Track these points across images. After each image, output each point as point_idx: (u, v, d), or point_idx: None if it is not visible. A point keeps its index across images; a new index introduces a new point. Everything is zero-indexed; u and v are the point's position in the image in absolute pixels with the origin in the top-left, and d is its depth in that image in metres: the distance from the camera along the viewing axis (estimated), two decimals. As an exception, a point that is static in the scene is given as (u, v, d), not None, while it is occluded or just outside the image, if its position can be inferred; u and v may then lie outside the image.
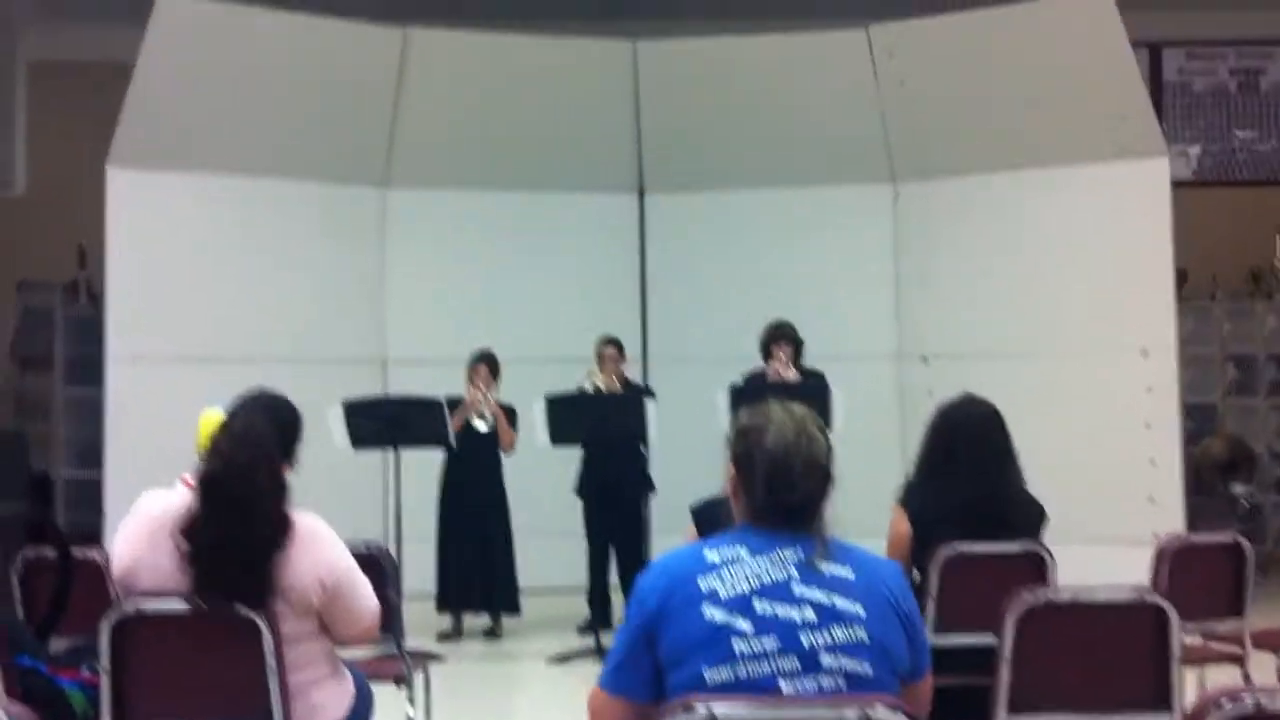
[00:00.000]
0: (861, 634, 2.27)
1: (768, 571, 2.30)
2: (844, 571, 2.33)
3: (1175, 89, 11.20)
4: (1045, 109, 8.32)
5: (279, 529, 3.08)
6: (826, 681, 2.24)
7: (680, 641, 2.28)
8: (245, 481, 3.05)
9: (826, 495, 2.41)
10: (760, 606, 2.26)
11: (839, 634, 2.26)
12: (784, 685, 2.24)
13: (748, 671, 2.24)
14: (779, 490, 2.35)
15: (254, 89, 8.42)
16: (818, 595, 2.29)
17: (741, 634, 2.25)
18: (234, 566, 3.02)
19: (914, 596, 2.45)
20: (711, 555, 2.33)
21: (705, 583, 2.30)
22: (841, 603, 2.29)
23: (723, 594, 2.28)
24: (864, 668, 2.26)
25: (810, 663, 2.24)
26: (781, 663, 2.24)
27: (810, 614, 2.26)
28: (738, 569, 2.30)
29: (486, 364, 7.68)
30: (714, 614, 2.27)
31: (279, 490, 3.12)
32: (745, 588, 2.28)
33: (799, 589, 2.29)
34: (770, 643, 2.24)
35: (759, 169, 9.17)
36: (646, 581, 2.39)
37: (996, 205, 8.61)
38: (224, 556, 3.01)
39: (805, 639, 2.25)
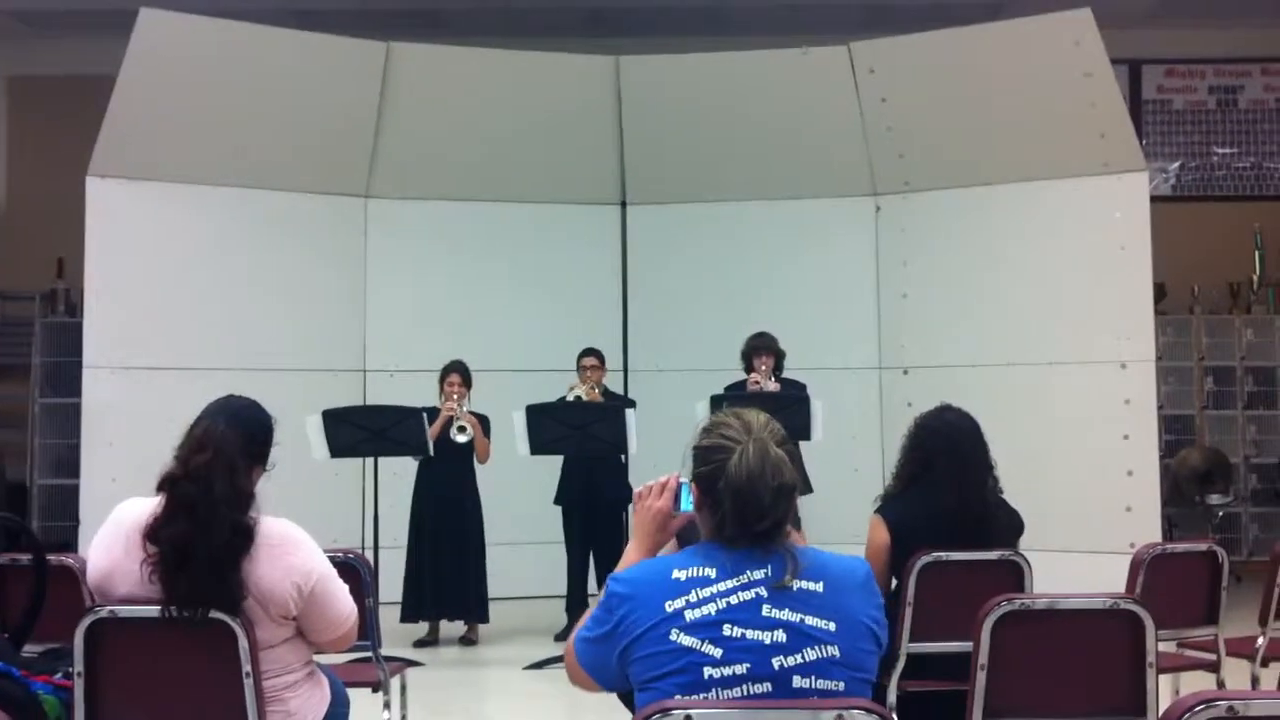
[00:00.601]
0: (833, 650, 2.26)
1: (736, 594, 2.27)
2: (813, 586, 2.30)
3: (1154, 106, 11.27)
4: (1025, 125, 8.38)
5: (239, 535, 3.04)
6: None
7: (649, 666, 2.26)
8: (200, 486, 3.02)
9: (792, 506, 2.36)
10: (729, 631, 2.24)
11: (810, 654, 2.25)
12: None
13: (719, 697, 2.22)
14: (747, 519, 2.31)
15: (235, 102, 8.42)
16: (788, 616, 2.26)
17: (711, 660, 2.23)
18: (197, 572, 2.99)
19: (880, 595, 2.42)
20: (679, 574, 2.30)
21: (672, 605, 2.27)
22: (812, 620, 2.27)
23: (690, 617, 2.25)
24: (836, 685, 2.25)
25: (782, 686, 2.23)
26: (753, 687, 2.22)
27: (781, 636, 2.25)
28: (706, 590, 2.27)
29: (459, 374, 7.66)
30: (682, 639, 2.25)
31: (239, 496, 3.08)
32: (713, 611, 2.25)
33: (769, 610, 2.26)
34: (741, 669, 2.23)
35: (741, 182, 9.21)
36: (618, 590, 2.35)
37: (977, 219, 8.66)
38: (186, 562, 2.99)
39: (776, 662, 2.23)
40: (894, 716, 3.92)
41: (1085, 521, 7.83)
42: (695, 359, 8.82)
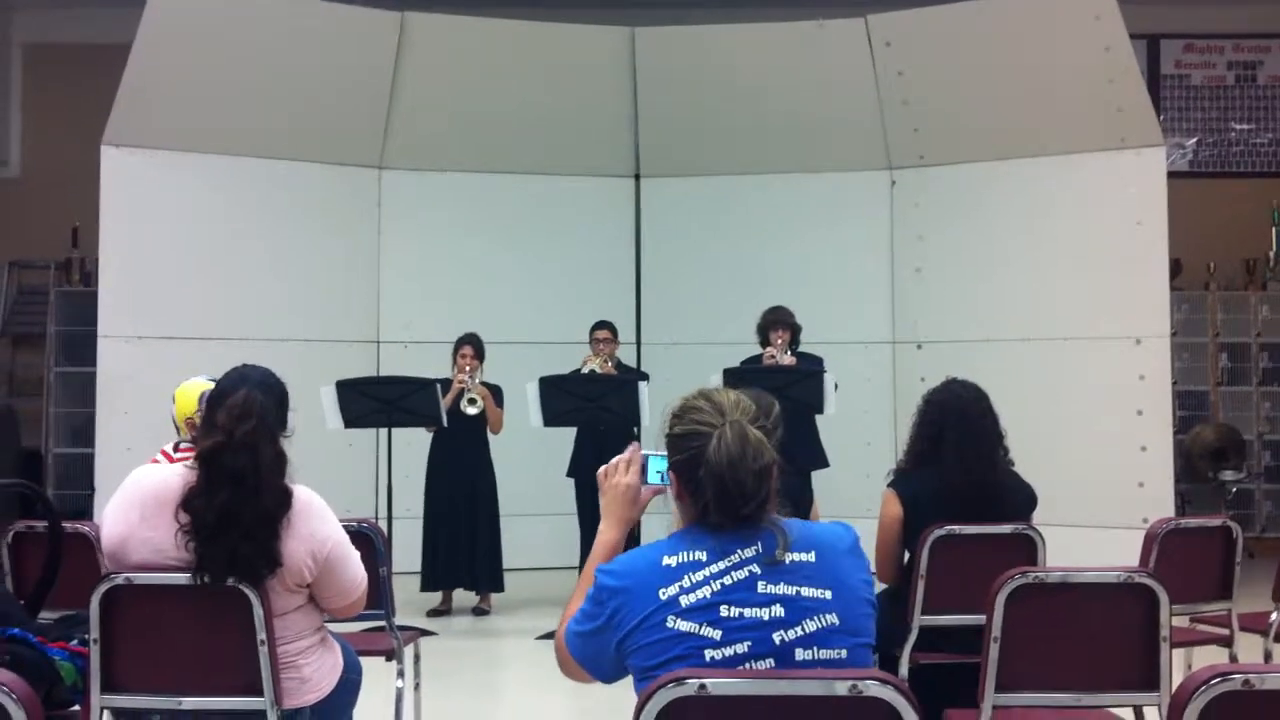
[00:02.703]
0: (832, 619, 2.25)
1: (730, 574, 2.24)
2: (805, 556, 2.28)
3: (1173, 81, 11.20)
4: (1042, 99, 8.33)
5: (282, 502, 3.09)
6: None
7: (649, 655, 2.24)
8: (249, 456, 3.05)
9: (776, 483, 2.33)
10: (727, 612, 2.22)
11: (810, 625, 2.23)
12: None
13: None
14: (732, 505, 2.27)
15: (250, 71, 8.41)
16: (784, 590, 2.24)
17: (712, 643, 2.21)
18: (240, 540, 3.02)
19: (867, 559, 2.40)
20: (669, 560, 2.27)
21: (666, 592, 2.24)
22: (808, 591, 2.25)
23: (685, 602, 2.23)
24: (838, 653, 2.24)
25: (785, 660, 2.22)
26: (755, 665, 2.21)
27: (779, 610, 2.23)
28: (698, 574, 2.25)
29: (472, 346, 7.66)
30: (680, 625, 2.22)
31: (281, 464, 3.13)
32: (708, 594, 2.23)
33: (764, 586, 2.24)
34: (742, 648, 2.21)
35: (756, 155, 9.18)
36: (608, 583, 2.31)
37: (993, 194, 8.63)
38: (229, 531, 3.02)
39: (777, 637, 2.22)
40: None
41: (1098, 497, 7.83)
42: (708, 332, 8.82)
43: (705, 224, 9.36)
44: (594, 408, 7.26)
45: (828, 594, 2.26)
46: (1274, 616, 4.68)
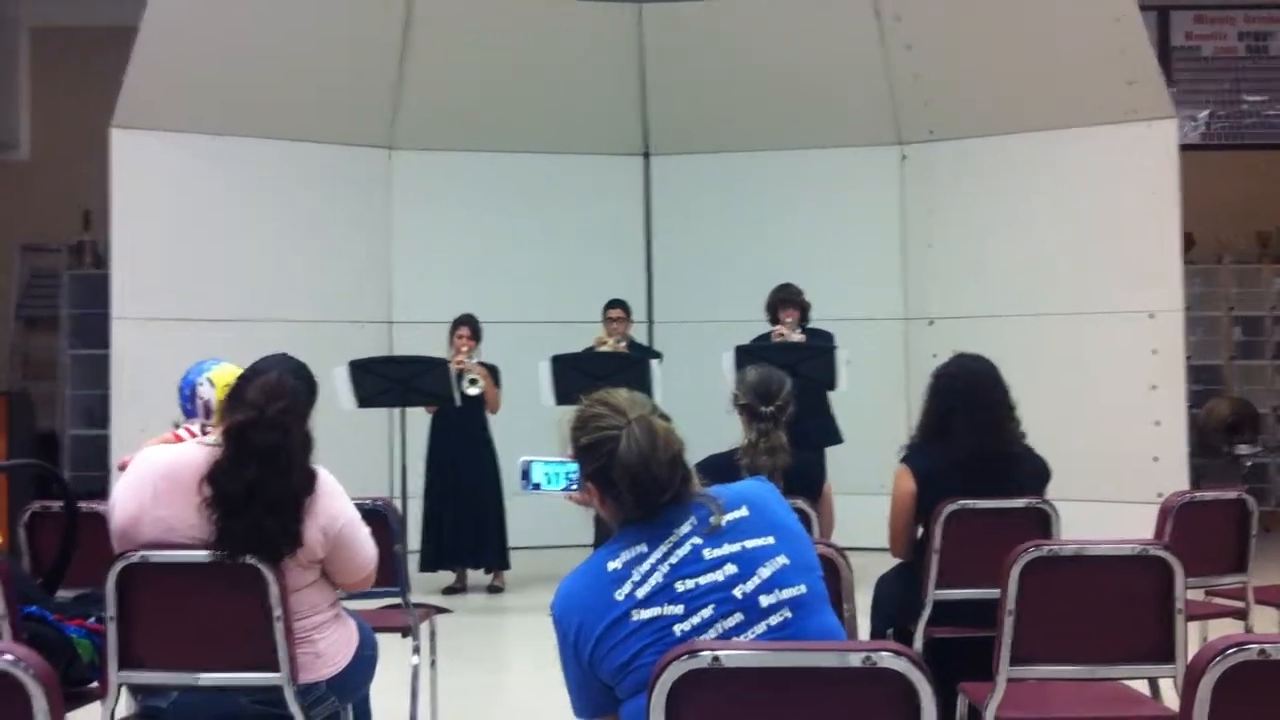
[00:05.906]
0: (782, 560, 2.28)
1: (674, 553, 2.28)
2: (740, 513, 2.33)
3: (1184, 53, 11.14)
4: (1053, 72, 8.29)
5: (308, 483, 3.12)
6: (775, 619, 2.25)
7: (621, 653, 2.25)
8: (278, 432, 3.07)
9: (689, 466, 2.36)
10: (683, 586, 2.25)
11: (765, 571, 2.27)
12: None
13: None
14: (651, 497, 2.31)
15: (258, 51, 8.38)
16: (729, 549, 2.28)
17: (677, 618, 2.24)
18: (265, 516, 3.04)
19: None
20: (614, 564, 2.30)
21: (621, 593, 2.27)
22: (752, 542, 2.29)
23: (642, 594, 2.26)
24: (799, 588, 2.28)
25: (752, 609, 2.24)
26: (726, 623, 2.23)
27: (732, 568, 2.26)
28: (645, 565, 2.28)
29: (469, 326, 7.66)
30: (643, 614, 2.25)
31: (308, 445, 3.15)
32: (660, 578, 2.26)
33: (710, 552, 2.28)
34: (708, 611, 2.24)
35: (765, 131, 9.15)
36: (559, 613, 2.34)
37: (1003, 168, 8.59)
38: (255, 506, 3.04)
39: (738, 591, 2.25)
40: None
41: (1112, 471, 7.81)
42: (719, 310, 8.81)
43: (715, 201, 9.34)
44: (605, 386, 7.24)
45: (771, 539, 2.30)
46: (1289, 589, 4.68)
